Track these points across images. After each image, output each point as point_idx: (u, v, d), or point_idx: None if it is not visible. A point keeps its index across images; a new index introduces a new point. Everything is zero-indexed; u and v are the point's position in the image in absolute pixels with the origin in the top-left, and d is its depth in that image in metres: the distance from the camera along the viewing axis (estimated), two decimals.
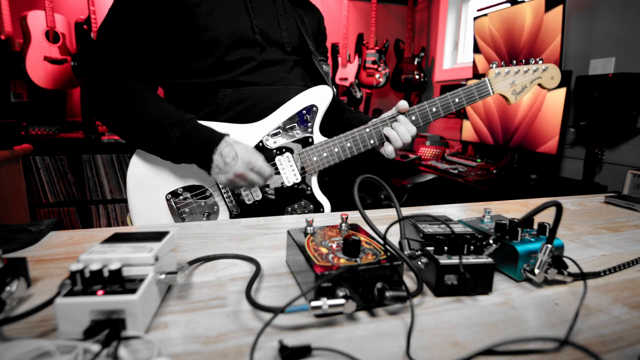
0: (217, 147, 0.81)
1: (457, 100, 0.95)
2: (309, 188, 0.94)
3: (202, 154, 0.82)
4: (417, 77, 3.46)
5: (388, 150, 0.94)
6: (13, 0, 2.53)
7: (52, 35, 2.56)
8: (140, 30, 0.84)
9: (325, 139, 0.94)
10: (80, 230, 0.68)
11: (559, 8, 2.07)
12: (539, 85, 1.00)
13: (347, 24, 3.31)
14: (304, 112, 0.93)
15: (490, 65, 0.98)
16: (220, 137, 0.82)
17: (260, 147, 0.90)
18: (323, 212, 0.95)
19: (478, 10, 2.74)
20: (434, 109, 0.94)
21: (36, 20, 2.50)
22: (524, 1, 2.33)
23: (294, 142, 0.92)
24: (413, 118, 0.94)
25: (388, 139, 0.93)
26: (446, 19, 3.47)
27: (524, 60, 0.99)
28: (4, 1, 2.47)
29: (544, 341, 0.37)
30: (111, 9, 0.85)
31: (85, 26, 2.62)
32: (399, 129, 0.92)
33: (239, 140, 0.85)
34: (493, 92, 0.98)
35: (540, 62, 0.98)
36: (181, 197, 0.90)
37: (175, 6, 0.83)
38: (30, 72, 2.47)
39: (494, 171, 2.35)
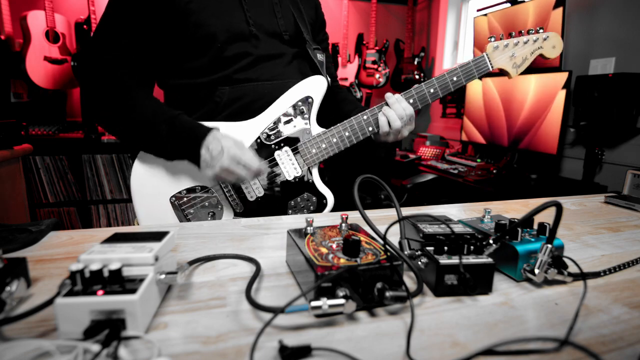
0: (203, 141, 0.81)
1: (455, 78, 0.93)
2: (310, 180, 0.94)
3: (190, 148, 0.82)
4: (417, 77, 3.45)
5: (387, 130, 0.93)
6: (13, 0, 2.53)
7: (52, 35, 2.56)
8: (135, 33, 0.84)
9: (323, 129, 0.93)
10: (80, 230, 0.68)
11: (560, 8, 2.07)
12: (541, 55, 0.95)
13: (347, 24, 3.31)
14: (300, 104, 0.92)
15: (489, 39, 0.94)
16: (206, 131, 0.82)
17: (259, 143, 0.90)
18: (326, 203, 0.95)
19: (478, 10, 2.74)
20: (432, 90, 0.93)
21: (36, 20, 2.50)
22: (524, 1, 2.33)
23: (292, 135, 0.92)
24: (411, 101, 0.93)
25: (388, 120, 0.92)
26: (446, 19, 3.47)
27: (523, 31, 0.94)
28: (4, 1, 2.47)
29: (544, 341, 0.37)
30: (105, 12, 0.85)
31: (85, 26, 2.62)
32: (395, 107, 0.91)
33: (229, 135, 0.84)
34: (492, 66, 0.94)
35: (541, 30, 0.93)
36: (185, 198, 0.90)
37: (168, 6, 0.83)
38: (30, 72, 2.47)
39: (494, 171, 2.35)
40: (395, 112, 0.91)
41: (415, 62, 3.46)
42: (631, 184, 1.09)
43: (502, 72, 0.97)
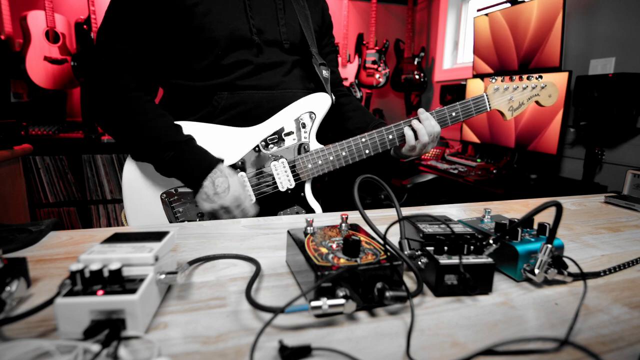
0: (209, 174, 0.82)
1: (454, 114, 0.97)
2: (302, 194, 0.94)
3: (193, 178, 0.83)
4: (417, 77, 3.46)
5: (413, 144, 0.94)
6: (13, 0, 2.53)
7: (52, 35, 2.56)
8: (138, 33, 0.84)
9: (322, 146, 0.94)
10: (80, 230, 0.68)
11: (560, 8, 2.07)
12: (536, 102, 1.02)
13: (347, 24, 3.31)
14: (302, 118, 0.93)
15: (491, 79, 0.99)
16: (214, 163, 0.83)
17: (257, 152, 0.91)
18: None
19: (478, 10, 2.74)
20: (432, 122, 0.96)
21: (36, 20, 2.50)
22: (524, 1, 2.33)
23: (290, 148, 0.92)
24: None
25: (415, 133, 0.94)
26: (446, 19, 3.47)
27: (524, 77, 1.00)
28: (4, 1, 2.47)
29: (544, 341, 0.37)
30: (108, 12, 0.84)
31: (85, 26, 2.62)
32: (425, 123, 0.93)
33: (233, 173, 0.86)
34: (490, 108, 1.00)
35: (540, 79, 1.00)
36: (176, 197, 0.90)
37: (172, 7, 0.83)
38: (30, 72, 2.47)
39: (494, 171, 2.36)
40: (425, 128, 0.93)
41: (415, 62, 3.47)
42: (631, 184, 1.09)
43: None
